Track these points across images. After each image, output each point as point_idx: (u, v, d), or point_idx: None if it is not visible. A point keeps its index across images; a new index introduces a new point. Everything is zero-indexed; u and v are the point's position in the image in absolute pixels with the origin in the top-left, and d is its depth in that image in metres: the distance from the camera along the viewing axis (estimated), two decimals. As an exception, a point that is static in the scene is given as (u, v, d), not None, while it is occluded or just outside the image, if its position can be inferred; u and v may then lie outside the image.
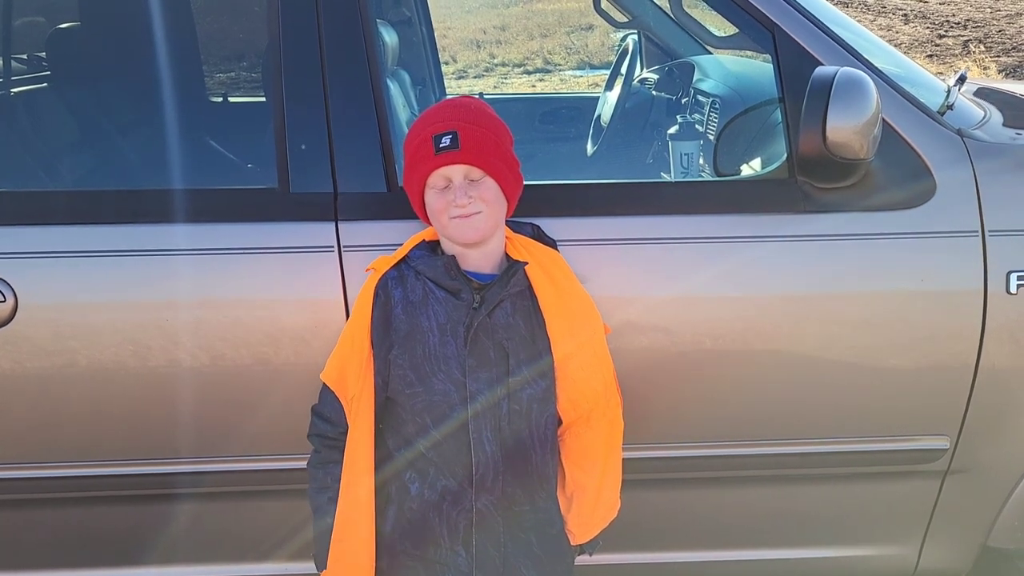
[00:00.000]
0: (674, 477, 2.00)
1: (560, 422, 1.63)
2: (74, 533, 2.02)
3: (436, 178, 1.53)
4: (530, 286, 1.59)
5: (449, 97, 1.63)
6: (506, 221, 1.62)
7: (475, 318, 1.54)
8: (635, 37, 3.42)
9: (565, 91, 9.81)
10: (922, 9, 13.82)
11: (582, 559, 1.75)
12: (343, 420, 1.59)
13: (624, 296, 1.81)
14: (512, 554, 1.60)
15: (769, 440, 1.93)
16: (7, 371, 1.82)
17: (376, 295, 1.57)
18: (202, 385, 1.84)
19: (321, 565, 1.63)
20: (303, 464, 1.67)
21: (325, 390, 1.62)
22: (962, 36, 11.61)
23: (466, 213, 1.51)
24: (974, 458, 1.95)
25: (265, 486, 1.95)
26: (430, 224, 1.61)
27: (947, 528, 2.05)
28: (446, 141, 1.50)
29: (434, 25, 3.97)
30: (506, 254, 1.61)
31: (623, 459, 1.70)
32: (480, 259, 1.58)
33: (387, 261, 1.61)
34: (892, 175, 1.82)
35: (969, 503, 2.02)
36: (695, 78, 2.89)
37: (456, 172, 1.52)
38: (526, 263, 1.58)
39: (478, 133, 1.52)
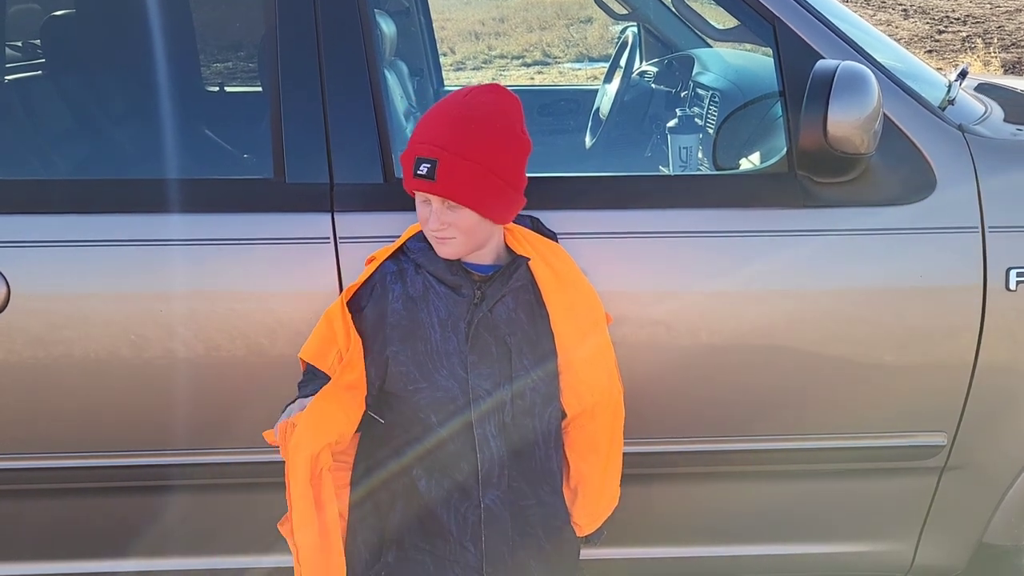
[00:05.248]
0: (668, 472, 1.99)
1: (564, 415, 1.62)
2: (68, 524, 2.01)
3: (417, 193, 1.51)
4: (533, 280, 1.58)
5: (460, 90, 1.58)
6: None
7: (476, 314, 1.52)
8: (635, 29, 3.40)
9: (564, 84, 9.78)
10: (922, 4, 13.80)
11: (587, 552, 1.75)
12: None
13: (621, 290, 1.80)
14: (520, 548, 1.59)
15: (766, 435, 1.92)
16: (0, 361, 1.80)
17: (372, 286, 1.55)
18: (197, 376, 1.82)
19: None
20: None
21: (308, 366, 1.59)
22: (961, 32, 11.60)
23: (440, 237, 1.50)
24: (971, 455, 1.94)
25: (261, 478, 1.93)
26: None
27: (943, 524, 2.04)
28: (423, 170, 1.44)
29: (432, 16, 3.95)
30: (507, 246, 1.59)
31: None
32: (479, 254, 1.56)
33: (388, 253, 1.59)
34: (892, 170, 1.81)
35: (966, 500, 2.01)
36: (695, 71, 2.88)
37: (434, 196, 1.48)
38: (528, 259, 1.57)
39: (461, 167, 1.43)
